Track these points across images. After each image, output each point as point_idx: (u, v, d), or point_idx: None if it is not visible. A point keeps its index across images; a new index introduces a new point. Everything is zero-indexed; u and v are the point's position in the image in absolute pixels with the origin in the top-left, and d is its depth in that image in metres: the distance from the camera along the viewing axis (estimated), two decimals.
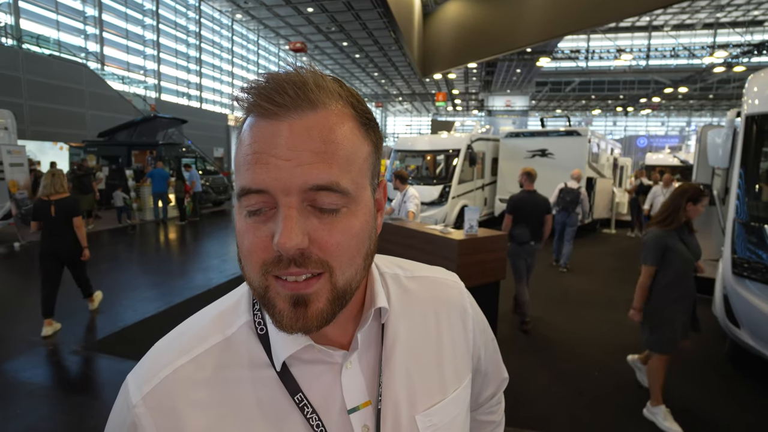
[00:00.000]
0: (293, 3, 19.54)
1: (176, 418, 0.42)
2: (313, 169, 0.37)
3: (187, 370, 0.44)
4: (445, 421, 0.52)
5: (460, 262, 3.03)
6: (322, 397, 0.46)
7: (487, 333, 0.66)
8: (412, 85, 37.11)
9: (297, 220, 0.37)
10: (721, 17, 23.87)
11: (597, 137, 9.60)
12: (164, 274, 6.22)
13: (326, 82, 0.41)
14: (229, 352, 0.46)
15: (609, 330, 4.20)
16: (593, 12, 7.96)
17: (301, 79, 0.39)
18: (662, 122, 41.83)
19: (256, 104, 0.38)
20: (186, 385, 0.44)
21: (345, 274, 0.40)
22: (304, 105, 0.38)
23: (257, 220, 0.39)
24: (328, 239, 0.39)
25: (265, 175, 0.37)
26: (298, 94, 0.38)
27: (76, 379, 3.18)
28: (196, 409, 0.43)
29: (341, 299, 0.41)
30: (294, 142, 0.37)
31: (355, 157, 0.40)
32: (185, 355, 0.45)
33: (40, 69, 12.92)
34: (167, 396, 0.43)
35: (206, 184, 12.74)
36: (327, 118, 0.39)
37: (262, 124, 0.39)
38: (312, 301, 0.39)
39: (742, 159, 3.44)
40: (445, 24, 11.37)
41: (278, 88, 0.38)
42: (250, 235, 0.39)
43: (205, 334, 0.47)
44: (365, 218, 0.42)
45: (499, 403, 0.76)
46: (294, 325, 0.39)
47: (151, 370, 0.45)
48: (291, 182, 0.37)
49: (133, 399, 0.43)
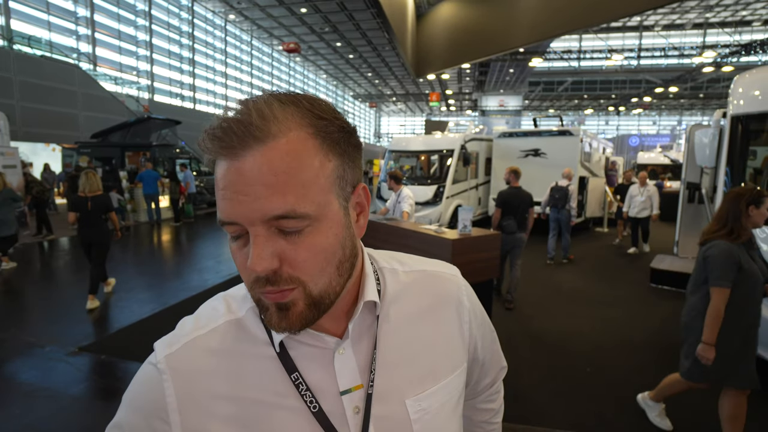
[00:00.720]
0: (286, 3, 19.52)
1: (189, 376, 0.49)
2: (267, 203, 0.40)
3: (204, 339, 0.52)
4: (435, 406, 0.56)
5: (453, 261, 3.06)
6: (317, 378, 0.51)
7: (485, 324, 0.69)
8: (405, 86, 37.18)
9: (264, 246, 0.42)
10: (711, 17, 24.18)
11: (589, 137, 9.70)
12: (159, 275, 6.22)
13: (278, 109, 0.42)
14: (238, 329, 0.53)
15: (601, 327, 4.28)
16: (585, 13, 8.07)
17: (247, 116, 0.41)
18: (654, 121, 42.25)
19: (212, 150, 0.42)
20: (201, 351, 0.51)
21: (318, 284, 0.45)
22: (251, 142, 0.40)
23: (239, 244, 0.45)
24: (296, 257, 0.43)
25: (230, 210, 0.42)
26: (245, 133, 0.40)
27: (73, 380, 3.19)
28: (207, 373, 0.50)
29: (319, 305, 0.46)
30: (248, 179, 0.40)
31: (314, 178, 0.43)
32: (203, 328, 0.52)
33: (31, 70, 12.82)
34: (185, 358, 0.50)
35: (201, 185, 12.70)
36: (276, 150, 0.41)
37: (223, 164, 0.42)
38: (292, 306, 0.45)
39: (728, 158, 3.53)
40: (439, 25, 11.44)
41: (227, 131, 0.40)
42: (237, 256, 0.45)
43: (219, 315, 0.54)
44: (333, 231, 0.45)
45: (498, 392, 0.79)
46: (279, 325, 0.45)
47: (174, 336, 0.52)
48: (252, 215, 0.41)
49: (159, 356, 0.51)
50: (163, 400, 0.48)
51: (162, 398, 0.48)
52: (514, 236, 4.70)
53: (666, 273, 5.59)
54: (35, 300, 5.02)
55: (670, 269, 5.58)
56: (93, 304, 4.54)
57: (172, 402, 0.48)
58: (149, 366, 0.51)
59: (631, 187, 7.53)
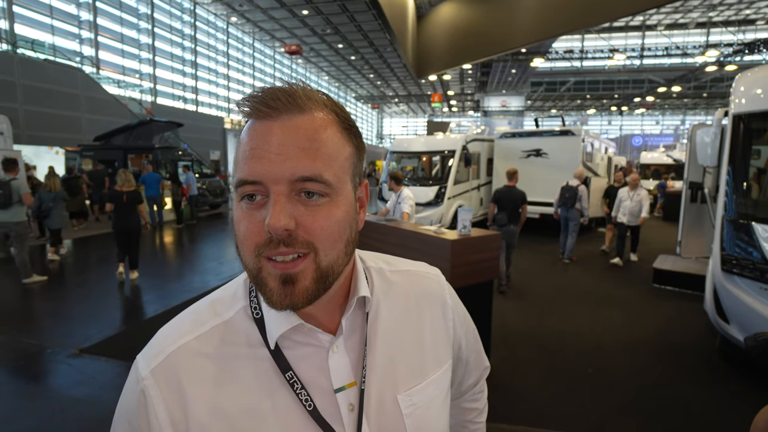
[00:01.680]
0: (288, 6, 19.57)
1: (180, 388, 0.48)
2: (299, 163, 0.44)
3: (191, 346, 0.50)
4: (425, 401, 0.57)
5: (453, 262, 3.07)
6: (312, 376, 0.51)
7: (467, 324, 0.70)
8: (407, 87, 37.17)
9: (285, 206, 0.43)
10: (714, 16, 24.05)
11: (591, 137, 9.67)
12: (161, 277, 6.24)
13: (314, 93, 0.48)
14: (227, 332, 0.52)
15: (602, 327, 4.25)
16: (587, 13, 8.04)
17: (292, 89, 0.46)
18: (657, 121, 42.06)
19: (254, 108, 0.45)
20: (189, 359, 0.49)
21: (328, 256, 0.46)
22: (294, 109, 0.45)
23: (251, 208, 0.45)
24: (313, 223, 0.45)
25: (259, 168, 0.44)
26: (289, 101, 0.45)
27: (75, 382, 3.19)
28: (198, 380, 0.49)
29: (325, 279, 0.47)
30: (284, 140, 0.44)
31: (337, 155, 0.47)
32: (188, 335, 0.51)
33: (35, 73, 12.89)
34: (172, 369, 0.49)
35: (203, 187, 12.73)
36: (313, 121, 0.46)
37: (258, 125, 0.45)
38: (299, 279, 0.45)
39: (730, 158, 3.49)
40: (440, 26, 11.43)
41: (272, 96, 0.45)
42: (246, 221, 0.45)
43: (205, 318, 0.53)
44: (346, 209, 0.48)
45: (482, 391, 0.81)
46: (282, 302, 0.45)
47: (157, 347, 0.51)
48: (281, 173, 0.43)
49: (142, 372, 0.49)
50: (155, 420, 0.47)
51: (154, 418, 0.47)
52: (506, 228, 5.31)
53: (669, 273, 5.55)
54: (37, 302, 5.04)
55: (673, 269, 5.54)
56: (134, 275, 5.72)
57: (164, 419, 0.47)
58: (135, 384, 0.50)
59: (620, 190, 6.92)
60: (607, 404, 2.89)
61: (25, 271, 5.46)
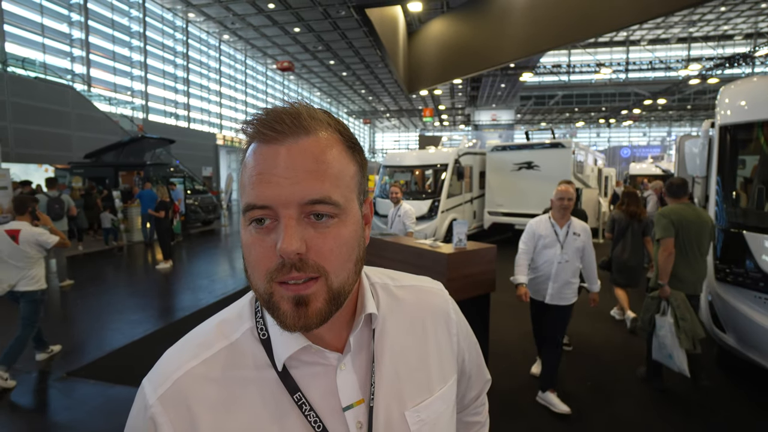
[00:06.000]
0: (280, 23, 19.82)
1: (189, 414, 0.47)
2: (308, 186, 0.44)
3: (198, 371, 0.49)
4: (433, 417, 0.57)
5: (449, 275, 3.05)
6: (320, 396, 0.50)
7: (470, 338, 0.70)
8: (399, 102, 37.59)
9: (296, 229, 0.43)
10: (694, 32, 24.84)
11: (581, 148, 9.81)
12: (152, 295, 6.12)
13: (317, 113, 0.48)
14: (234, 355, 0.51)
15: (600, 340, 4.24)
16: (572, 29, 8.23)
17: (296, 110, 0.46)
18: (644, 133, 42.85)
19: (259, 132, 0.45)
20: (197, 384, 0.49)
21: (339, 277, 0.46)
22: (299, 131, 0.45)
23: (261, 232, 0.45)
24: (323, 245, 0.44)
25: (268, 192, 0.43)
26: (294, 123, 0.45)
27: (63, 406, 3.09)
28: (206, 406, 0.48)
29: (337, 300, 0.46)
30: (291, 163, 0.44)
31: (343, 174, 0.47)
32: (194, 359, 0.50)
33: (25, 91, 12.82)
34: (180, 395, 0.48)
35: (195, 203, 12.63)
36: (318, 142, 0.46)
37: (264, 148, 0.45)
38: (311, 301, 0.44)
39: (718, 168, 3.56)
40: (430, 42, 11.63)
41: (277, 119, 0.45)
42: (257, 246, 0.45)
43: (212, 340, 0.52)
44: (354, 227, 0.48)
45: (483, 404, 0.80)
46: (296, 324, 0.45)
47: (164, 373, 0.50)
48: (290, 197, 0.43)
49: (149, 400, 0.48)
50: None
51: None
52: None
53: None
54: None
55: None
56: (167, 263, 7.47)
57: None
58: (143, 412, 0.48)
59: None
60: (606, 417, 2.86)
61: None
